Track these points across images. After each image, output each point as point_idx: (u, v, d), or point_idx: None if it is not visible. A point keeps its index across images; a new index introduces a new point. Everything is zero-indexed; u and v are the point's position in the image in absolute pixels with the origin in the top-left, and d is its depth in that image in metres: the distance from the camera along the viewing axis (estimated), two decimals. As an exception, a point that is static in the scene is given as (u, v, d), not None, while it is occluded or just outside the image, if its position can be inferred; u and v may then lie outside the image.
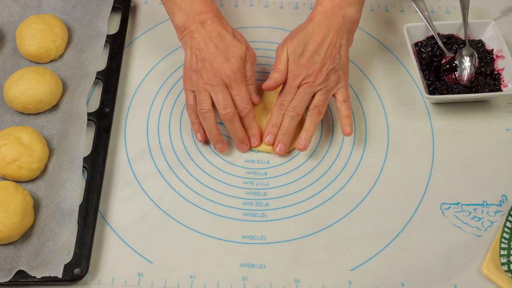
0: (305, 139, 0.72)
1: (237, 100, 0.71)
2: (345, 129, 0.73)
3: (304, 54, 0.71)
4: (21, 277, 0.63)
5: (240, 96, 0.71)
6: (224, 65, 0.70)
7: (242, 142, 0.73)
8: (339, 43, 0.72)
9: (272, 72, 0.73)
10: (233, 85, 0.71)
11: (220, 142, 0.73)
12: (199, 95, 0.72)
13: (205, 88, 0.71)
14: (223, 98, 0.70)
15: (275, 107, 0.73)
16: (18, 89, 0.74)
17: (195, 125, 0.74)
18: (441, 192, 0.72)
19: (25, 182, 0.71)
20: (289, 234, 0.69)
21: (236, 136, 0.73)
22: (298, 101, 0.72)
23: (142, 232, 0.69)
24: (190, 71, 0.73)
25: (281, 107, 0.73)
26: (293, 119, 0.72)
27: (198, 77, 0.72)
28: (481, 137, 0.77)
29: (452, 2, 0.90)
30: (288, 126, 0.72)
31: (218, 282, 0.65)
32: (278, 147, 0.73)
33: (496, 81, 0.78)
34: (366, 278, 0.66)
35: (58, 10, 0.86)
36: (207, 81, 0.71)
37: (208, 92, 0.71)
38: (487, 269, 0.65)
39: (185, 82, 0.74)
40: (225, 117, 0.71)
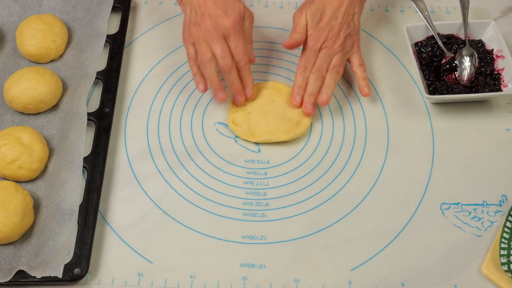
0: (326, 94, 0.75)
1: (234, 52, 0.73)
2: (363, 90, 0.77)
3: (323, 19, 0.75)
4: (21, 277, 0.63)
5: (238, 48, 0.73)
6: (223, 18, 0.72)
7: (238, 92, 0.75)
8: (353, 11, 0.76)
9: (292, 33, 0.76)
10: (232, 37, 0.73)
11: (221, 91, 0.75)
12: (199, 46, 0.73)
13: (204, 39, 0.73)
14: (222, 49, 0.72)
15: (298, 70, 0.76)
16: (18, 89, 0.74)
17: (197, 76, 0.76)
18: (441, 192, 0.72)
19: (25, 182, 0.71)
20: (289, 234, 0.69)
21: (233, 86, 0.75)
22: (320, 64, 0.75)
23: (142, 232, 0.69)
24: (190, 24, 0.75)
25: (305, 70, 0.76)
26: (317, 80, 0.75)
27: (197, 29, 0.73)
28: (481, 137, 0.77)
29: (452, 2, 0.90)
30: (313, 87, 0.75)
31: (218, 282, 0.65)
32: (306, 107, 0.75)
33: (496, 81, 0.78)
34: (366, 278, 0.66)
35: (58, 10, 0.86)
36: (206, 32, 0.73)
37: (208, 43, 0.73)
38: (487, 269, 0.65)
39: (185, 36, 0.76)
40: (223, 67, 0.73)
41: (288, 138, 0.75)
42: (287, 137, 0.75)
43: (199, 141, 0.76)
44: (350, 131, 0.77)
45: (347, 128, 0.78)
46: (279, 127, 0.75)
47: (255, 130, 0.75)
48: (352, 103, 0.80)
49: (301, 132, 0.75)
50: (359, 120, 0.78)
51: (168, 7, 0.89)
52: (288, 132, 0.75)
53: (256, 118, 0.76)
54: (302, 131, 0.75)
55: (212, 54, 0.73)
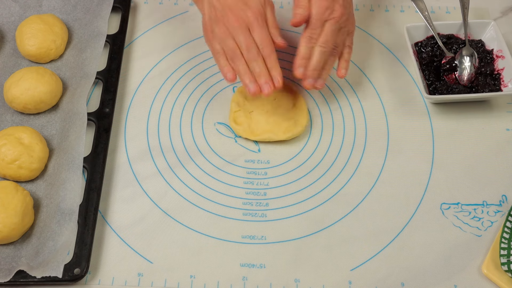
0: (323, 79, 0.74)
1: (259, 41, 0.71)
2: (341, 71, 0.76)
3: None
4: (21, 277, 0.63)
5: (262, 37, 0.71)
6: (245, 9, 0.71)
7: (266, 82, 0.72)
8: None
9: (296, 8, 0.73)
10: (255, 28, 0.71)
11: (253, 82, 0.72)
12: (225, 41, 0.72)
13: (228, 33, 0.72)
14: (246, 40, 0.71)
15: (303, 40, 0.72)
16: (18, 89, 0.74)
17: (226, 67, 0.73)
18: (441, 192, 0.72)
19: (25, 182, 0.71)
20: (289, 234, 0.69)
21: (261, 76, 0.72)
22: (328, 37, 0.72)
23: (142, 232, 0.69)
24: (211, 22, 0.73)
25: (310, 40, 0.72)
26: (323, 54, 0.72)
27: (220, 26, 0.72)
28: (481, 137, 0.77)
29: (452, 2, 0.90)
30: (318, 61, 0.72)
31: (218, 282, 0.65)
32: (307, 82, 0.73)
33: (496, 81, 0.78)
34: (366, 278, 0.66)
35: (58, 10, 0.86)
36: (230, 27, 0.71)
37: (233, 38, 0.72)
38: (487, 269, 0.65)
39: (207, 34, 0.75)
40: (249, 57, 0.71)
41: (287, 137, 0.75)
42: (286, 136, 0.75)
43: (199, 141, 0.76)
44: (350, 131, 0.77)
45: (347, 128, 0.78)
46: (279, 126, 0.75)
47: (256, 129, 0.75)
48: (352, 103, 0.80)
49: (299, 132, 0.75)
50: (359, 120, 0.78)
51: (168, 7, 0.89)
52: (287, 131, 0.75)
53: (257, 117, 0.76)
54: (300, 130, 0.75)
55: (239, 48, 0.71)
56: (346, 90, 0.81)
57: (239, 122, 0.76)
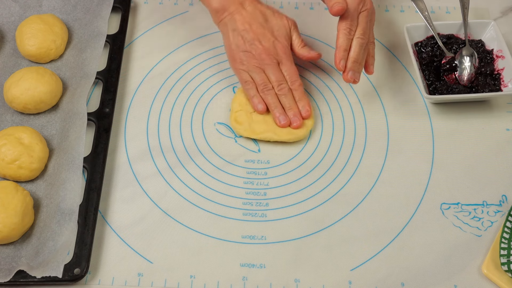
0: (372, 65, 0.77)
1: (288, 75, 0.75)
2: (369, 68, 0.77)
3: None
4: (21, 277, 0.63)
5: (290, 71, 0.75)
6: (275, 44, 0.74)
7: (295, 115, 0.75)
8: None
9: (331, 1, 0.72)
10: (284, 62, 0.75)
11: (283, 115, 0.75)
12: (256, 75, 0.75)
13: (260, 67, 0.74)
14: (277, 76, 0.75)
15: (342, 32, 0.73)
16: (18, 89, 0.74)
17: (255, 98, 0.76)
18: (441, 192, 0.72)
19: (25, 182, 0.71)
20: (289, 234, 0.69)
21: (291, 110, 0.75)
22: (365, 28, 0.74)
23: (142, 232, 0.69)
24: (239, 52, 0.75)
25: (350, 32, 0.73)
26: (362, 45, 0.74)
27: (249, 57, 0.74)
28: (481, 137, 0.77)
29: (452, 2, 0.90)
30: (359, 54, 0.74)
31: (218, 282, 0.65)
32: (350, 74, 0.74)
33: (496, 81, 0.78)
34: (366, 278, 0.66)
35: (58, 10, 0.86)
36: (260, 60, 0.74)
37: (263, 71, 0.74)
38: (487, 269, 0.65)
39: (235, 63, 0.76)
40: (281, 92, 0.75)
41: (288, 139, 0.75)
42: (287, 138, 0.75)
43: (199, 141, 0.76)
44: (350, 131, 0.77)
45: (347, 128, 0.78)
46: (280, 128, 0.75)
47: (257, 127, 0.75)
48: (352, 103, 0.80)
49: (303, 134, 0.75)
50: (359, 120, 0.78)
51: (168, 7, 0.90)
52: (289, 133, 0.75)
53: (258, 118, 0.76)
54: (304, 133, 0.75)
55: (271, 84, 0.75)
56: (346, 90, 0.81)
57: (240, 121, 0.76)
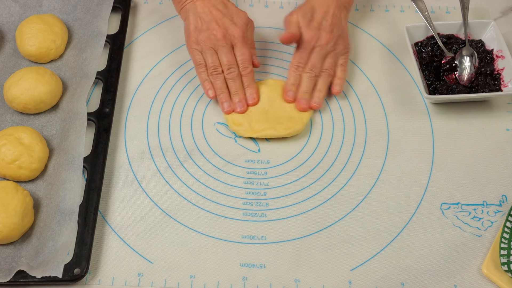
0: (318, 98, 0.77)
1: (240, 60, 0.76)
2: (334, 88, 0.79)
3: (314, 19, 0.77)
4: (21, 277, 0.63)
5: (244, 57, 0.76)
6: (232, 26, 0.75)
7: (241, 101, 0.76)
8: (339, 15, 0.78)
9: (287, 29, 0.77)
10: (239, 46, 0.76)
11: (228, 101, 0.76)
12: (208, 56, 0.76)
13: (213, 48, 0.75)
14: (229, 58, 0.75)
15: (291, 68, 0.77)
16: (18, 89, 0.74)
17: (206, 82, 0.77)
18: (441, 192, 0.72)
19: (25, 182, 0.71)
20: (289, 234, 0.69)
21: (237, 94, 0.76)
22: (314, 63, 0.77)
23: (142, 232, 0.69)
24: (196, 31, 0.77)
25: (298, 68, 0.77)
26: (311, 79, 0.77)
27: (205, 38, 0.76)
28: (481, 137, 0.77)
29: (452, 2, 0.90)
30: (307, 86, 0.77)
31: (218, 282, 0.65)
32: (301, 103, 0.76)
33: (496, 81, 0.78)
34: (366, 278, 0.66)
35: (58, 10, 0.86)
36: (215, 41, 0.75)
37: (216, 52, 0.75)
38: (487, 269, 0.65)
39: (190, 42, 0.77)
40: (229, 76, 0.76)
41: (287, 133, 0.75)
42: (286, 133, 0.75)
43: (199, 141, 0.76)
44: (350, 131, 0.77)
45: (347, 128, 0.78)
46: (279, 124, 0.75)
47: (257, 126, 0.75)
48: (352, 103, 0.80)
49: (300, 128, 0.75)
50: (359, 120, 0.78)
51: (168, 7, 0.89)
52: (287, 128, 0.75)
53: (256, 117, 0.76)
54: (301, 127, 0.75)
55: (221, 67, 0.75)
56: (346, 90, 0.81)
57: (238, 122, 0.76)
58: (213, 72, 0.76)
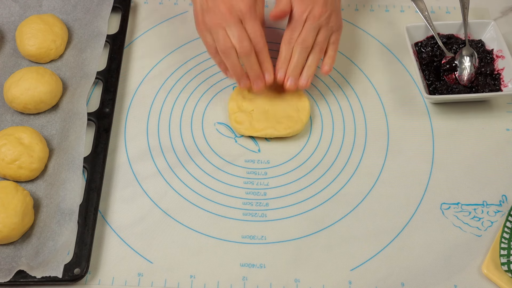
0: (307, 75, 0.74)
1: (252, 35, 0.71)
2: (324, 67, 0.75)
3: None
4: (21, 277, 0.63)
5: (255, 30, 0.71)
6: (237, 1, 0.70)
7: (258, 77, 0.73)
8: None
9: (277, 3, 0.73)
10: (247, 20, 0.70)
11: (244, 77, 0.73)
12: (216, 34, 0.71)
13: (220, 25, 0.71)
14: (239, 34, 0.70)
15: (283, 43, 0.74)
16: (18, 89, 0.74)
17: (222, 65, 0.74)
18: (441, 192, 0.72)
19: (25, 182, 0.71)
20: (289, 234, 0.69)
21: (253, 70, 0.72)
22: (305, 36, 0.72)
23: (142, 232, 0.69)
24: (202, 13, 0.73)
25: (290, 42, 0.73)
26: (302, 53, 0.73)
27: (211, 16, 0.71)
28: (481, 137, 0.77)
29: (452, 2, 0.90)
30: (297, 60, 0.73)
31: (218, 282, 0.65)
32: (289, 81, 0.73)
33: (496, 81, 0.78)
34: (366, 278, 0.66)
35: (58, 10, 0.86)
36: (222, 18, 0.70)
37: (224, 29, 0.71)
38: (487, 269, 0.65)
39: (198, 25, 0.74)
40: (241, 51, 0.70)
41: (287, 133, 0.75)
42: (286, 132, 0.75)
43: (199, 141, 0.76)
44: (350, 131, 0.77)
45: (347, 128, 0.78)
46: (279, 123, 0.75)
47: (258, 125, 0.75)
48: (352, 103, 0.80)
49: (299, 128, 0.75)
50: (359, 120, 0.78)
51: (168, 7, 0.89)
52: (287, 128, 0.75)
53: (258, 116, 0.76)
54: (300, 127, 0.75)
55: (232, 42, 0.71)
56: (346, 90, 0.81)
57: (240, 121, 0.76)
58: (223, 48, 0.71)
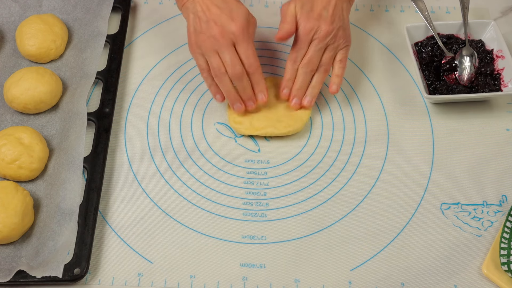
0: (311, 96, 0.75)
1: (244, 57, 0.71)
2: (331, 87, 0.75)
3: (314, 9, 0.72)
4: (21, 277, 0.63)
5: (247, 53, 0.71)
6: (230, 23, 0.70)
7: (250, 99, 0.74)
8: (341, 6, 0.74)
9: (282, 24, 0.73)
10: (240, 43, 0.71)
11: (238, 102, 0.74)
12: (210, 57, 0.72)
13: (213, 48, 0.71)
14: (231, 57, 0.70)
15: (288, 62, 0.74)
16: (18, 89, 0.74)
17: (213, 87, 0.74)
18: (441, 192, 0.72)
19: (25, 182, 0.71)
20: (289, 234, 0.69)
21: (245, 93, 0.73)
22: (311, 57, 0.73)
23: (142, 232, 0.69)
24: (195, 34, 0.73)
25: (295, 62, 0.74)
26: (307, 74, 0.74)
27: (204, 39, 0.71)
28: (481, 137, 0.77)
29: (452, 2, 0.90)
30: (302, 82, 0.74)
31: (218, 282, 0.65)
32: (293, 101, 0.75)
33: (496, 81, 0.78)
34: (366, 278, 0.66)
35: (58, 10, 0.86)
36: (214, 41, 0.70)
37: (217, 52, 0.71)
38: (487, 269, 0.65)
39: (192, 46, 0.74)
40: (234, 75, 0.71)
41: (287, 132, 0.75)
42: (286, 131, 0.75)
43: (199, 141, 0.76)
44: (350, 131, 0.77)
45: (347, 128, 0.78)
46: (279, 122, 0.75)
47: (257, 124, 0.75)
48: (352, 103, 0.80)
49: (299, 127, 0.75)
50: (359, 120, 0.78)
51: (168, 7, 0.89)
52: (287, 126, 0.75)
53: (257, 115, 0.76)
54: (300, 125, 0.75)
55: (225, 67, 0.71)
56: (346, 90, 0.81)
57: (239, 121, 0.76)
58: (217, 73, 0.71)
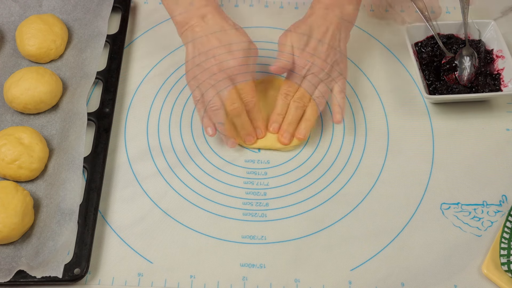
0: (305, 129, 0.73)
1: (242, 93, 0.71)
2: (335, 117, 0.74)
3: (309, 44, 0.72)
4: (21, 277, 0.63)
5: (246, 89, 0.71)
6: (228, 58, 0.69)
7: (249, 134, 0.73)
8: (339, 36, 0.74)
9: (278, 55, 0.73)
10: (238, 78, 0.70)
11: (232, 139, 0.73)
12: (206, 92, 0.71)
13: (209, 83, 0.70)
14: (229, 93, 0.69)
15: (280, 97, 0.74)
16: (18, 89, 0.74)
17: (205, 119, 0.72)
18: (441, 192, 0.72)
19: (25, 182, 0.71)
20: (289, 234, 0.69)
21: (244, 129, 0.73)
22: (303, 93, 0.73)
23: (142, 232, 0.69)
24: (193, 65, 0.72)
25: (286, 97, 0.74)
26: (298, 109, 0.73)
27: (201, 72, 0.71)
28: (481, 137, 0.77)
29: (452, 2, 0.90)
30: (293, 117, 0.73)
31: (218, 282, 0.65)
32: (284, 136, 0.73)
33: (496, 81, 0.78)
34: (366, 278, 0.66)
35: (58, 10, 0.86)
36: (212, 76, 0.70)
37: (214, 87, 0.70)
38: (487, 269, 0.65)
39: (188, 76, 0.73)
40: (233, 112, 0.70)
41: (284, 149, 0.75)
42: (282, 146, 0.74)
43: (199, 141, 0.76)
44: (350, 131, 0.77)
45: (347, 128, 0.78)
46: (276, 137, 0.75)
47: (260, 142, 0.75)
48: (352, 103, 0.80)
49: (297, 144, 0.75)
50: (359, 120, 0.78)
51: (168, 7, 0.90)
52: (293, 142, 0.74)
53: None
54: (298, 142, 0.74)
55: (220, 102, 0.70)
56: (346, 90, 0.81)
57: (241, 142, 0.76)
58: (211, 108, 0.70)
